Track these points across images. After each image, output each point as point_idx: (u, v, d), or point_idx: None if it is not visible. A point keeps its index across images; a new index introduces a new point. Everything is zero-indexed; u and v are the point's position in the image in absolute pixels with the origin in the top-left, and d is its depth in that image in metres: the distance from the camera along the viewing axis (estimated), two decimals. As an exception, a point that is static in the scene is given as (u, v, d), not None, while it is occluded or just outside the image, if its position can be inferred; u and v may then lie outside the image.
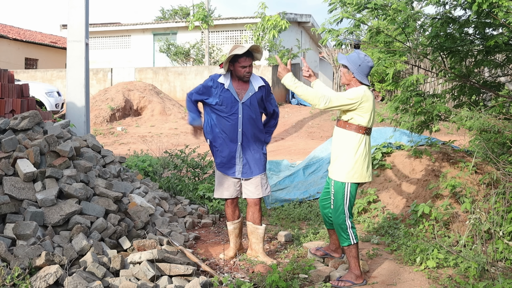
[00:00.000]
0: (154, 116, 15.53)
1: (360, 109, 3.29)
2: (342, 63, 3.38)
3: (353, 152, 3.33)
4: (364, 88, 3.35)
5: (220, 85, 3.77)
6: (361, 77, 3.34)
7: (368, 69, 3.35)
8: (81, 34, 6.96)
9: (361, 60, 3.33)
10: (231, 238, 4.03)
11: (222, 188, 3.89)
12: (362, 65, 3.33)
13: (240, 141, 3.78)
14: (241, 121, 3.75)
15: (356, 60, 3.33)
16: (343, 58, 3.38)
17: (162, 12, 31.71)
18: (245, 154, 3.81)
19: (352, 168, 3.34)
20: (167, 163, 6.47)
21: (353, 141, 3.33)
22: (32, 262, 2.99)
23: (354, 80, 3.37)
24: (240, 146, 3.79)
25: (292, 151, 10.29)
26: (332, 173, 3.46)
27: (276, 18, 18.24)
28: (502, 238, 3.80)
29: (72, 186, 3.72)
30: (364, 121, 3.32)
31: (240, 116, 3.74)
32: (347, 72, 3.39)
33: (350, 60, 3.35)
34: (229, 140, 3.78)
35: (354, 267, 3.43)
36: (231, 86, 3.76)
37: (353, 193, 3.39)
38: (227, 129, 3.76)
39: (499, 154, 4.62)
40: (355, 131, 3.33)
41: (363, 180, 3.40)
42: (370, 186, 5.53)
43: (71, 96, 7.05)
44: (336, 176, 3.40)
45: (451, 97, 5.58)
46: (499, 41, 4.29)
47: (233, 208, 3.97)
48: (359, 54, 3.36)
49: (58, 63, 25.56)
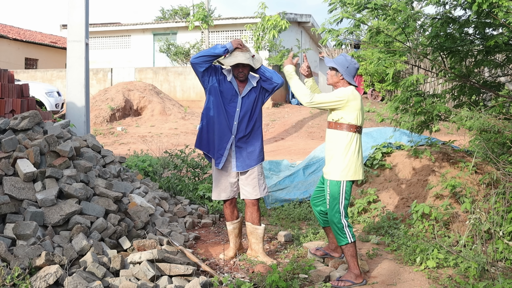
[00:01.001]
0: (154, 116, 15.54)
1: (348, 107, 3.42)
2: (330, 66, 3.54)
3: (346, 150, 3.42)
4: (352, 88, 3.50)
5: (224, 75, 3.83)
6: (350, 78, 3.50)
7: (355, 70, 3.53)
8: (81, 34, 6.96)
9: (348, 62, 3.49)
10: (231, 238, 4.04)
11: (219, 190, 3.90)
12: (350, 67, 3.49)
13: (234, 134, 3.79)
14: (238, 114, 3.78)
15: (344, 62, 3.49)
16: (331, 61, 3.55)
17: (162, 12, 31.72)
18: (238, 147, 3.81)
19: (346, 166, 3.41)
20: (167, 163, 6.47)
21: (345, 140, 3.43)
22: (32, 262, 2.99)
23: (343, 81, 3.53)
24: (234, 139, 3.80)
25: (292, 151, 10.29)
26: (327, 174, 3.52)
27: (276, 18, 18.23)
28: (502, 238, 3.80)
29: (72, 186, 3.72)
30: (353, 119, 3.43)
31: (238, 110, 3.77)
32: (335, 74, 3.55)
33: (338, 62, 3.51)
34: (222, 130, 3.79)
35: (353, 267, 3.44)
36: (233, 80, 3.82)
37: (348, 191, 3.45)
38: (223, 119, 3.78)
39: (499, 154, 4.62)
40: (346, 130, 3.43)
41: (357, 178, 3.47)
42: (370, 186, 5.53)
43: (71, 96, 7.05)
44: (331, 176, 3.46)
45: (451, 97, 5.58)
46: (499, 41, 4.29)
47: (232, 208, 3.97)
48: (345, 57, 3.53)
49: (58, 63, 25.56)
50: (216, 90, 3.79)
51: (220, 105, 3.78)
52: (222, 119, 3.79)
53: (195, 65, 3.71)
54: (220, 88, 3.79)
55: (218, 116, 3.80)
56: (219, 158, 3.82)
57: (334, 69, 3.53)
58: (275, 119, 15.72)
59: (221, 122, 3.79)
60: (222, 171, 3.87)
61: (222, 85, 3.79)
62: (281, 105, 18.60)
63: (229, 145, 3.80)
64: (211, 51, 3.68)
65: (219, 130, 3.80)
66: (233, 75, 3.83)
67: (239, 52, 3.74)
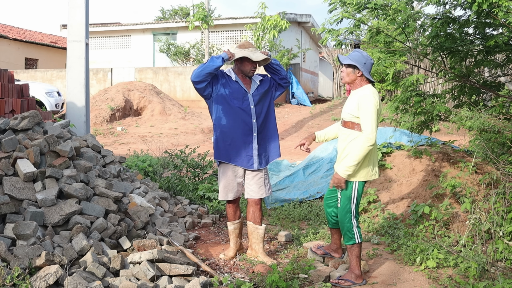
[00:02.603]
0: (154, 116, 15.53)
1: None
2: (347, 63, 3.40)
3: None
4: (370, 86, 3.39)
5: (227, 76, 3.82)
6: (368, 74, 3.38)
7: (371, 66, 3.42)
8: (81, 34, 6.96)
9: (365, 58, 3.38)
10: (232, 238, 4.03)
11: (226, 190, 3.88)
12: (367, 63, 3.38)
13: (255, 132, 3.79)
14: (254, 111, 3.79)
15: (361, 58, 3.37)
16: (346, 59, 3.40)
17: (162, 12, 31.71)
18: (260, 144, 3.83)
19: (360, 167, 3.37)
20: (167, 163, 6.47)
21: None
22: (32, 262, 2.99)
23: (360, 78, 3.40)
24: (256, 137, 3.80)
25: (292, 151, 10.29)
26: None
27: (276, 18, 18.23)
28: (502, 238, 3.80)
29: (72, 186, 3.72)
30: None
31: (252, 107, 3.78)
32: (352, 72, 3.40)
33: (355, 59, 3.37)
34: (244, 132, 3.77)
35: (355, 267, 3.43)
36: (238, 79, 3.83)
37: (360, 192, 3.43)
38: (240, 121, 3.75)
39: (499, 154, 4.62)
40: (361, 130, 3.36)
41: (370, 178, 3.44)
42: (370, 186, 5.53)
43: (71, 96, 7.05)
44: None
45: (451, 97, 5.58)
46: (499, 41, 4.29)
47: (235, 208, 3.97)
48: (361, 52, 3.40)
49: (58, 63, 25.56)
50: (224, 96, 3.76)
51: (233, 108, 3.75)
52: (239, 121, 3.76)
53: (199, 82, 3.67)
54: (229, 91, 3.76)
55: (234, 120, 3.76)
56: (250, 159, 3.80)
57: (351, 66, 3.40)
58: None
59: (239, 125, 3.76)
60: (230, 172, 3.84)
61: (228, 87, 3.77)
62: (281, 105, 18.60)
63: (255, 144, 3.79)
64: (211, 65, 3.64)
65: (240, 133, 3.77)
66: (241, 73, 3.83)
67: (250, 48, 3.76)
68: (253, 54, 3.74)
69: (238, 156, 3.79)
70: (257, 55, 3.74)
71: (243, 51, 3.75)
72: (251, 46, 3.78)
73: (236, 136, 3.77)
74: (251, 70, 3.80)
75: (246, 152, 3.80)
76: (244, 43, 3.81)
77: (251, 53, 3.74)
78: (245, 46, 3.78)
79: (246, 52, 3.73)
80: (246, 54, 3.72)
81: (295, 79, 19.91)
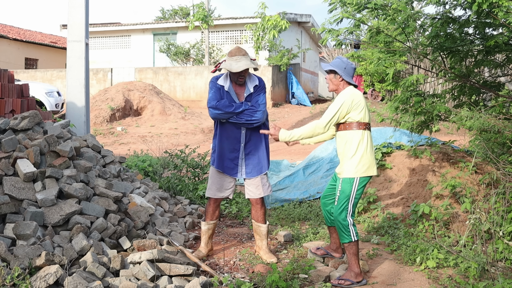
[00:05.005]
0: (154, 116, 15.54)
1: (352, 107, 3.43)
2: (328, 70, 3.57)
3: (358, 148, 3.44)
4: (351, 87, 3.53)
5: (221, 87, 3.80)
6: (349, 78, 3.54)
7: (353, 70, 3.57)
8: (81, 34, 6.96)
9: (345, 63, 3.54)
10: (204, 239, 4.00)
11: (215, 188, 3.90)
12: (347, 68, 3.53)
13: (243, 142, 3.80)
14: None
15: (341, 64, 3.54)
16: (327, 65, 3.59)
17: (162, 12, 31.72)
18: (247, 155, 3.83)
19: (359, 162, 3.42)
20: (167, 163, 6.47)
21: (357, 138, 3.44)
22: (32, 262, 2.99)
23: (342, 83, 3.56)
24: (243, 147, 3.81)
25: (292, 151, 10.29)
26: (340, 173, 3.53)
27: (276, 18, 18.25)
28: (502, 238, 3.80)
29: (72, 186, 3.72)
30: (361, 117, 3.44)
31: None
32: (334, 77, 3.58)
33: (335, 65, 3.55)
34: (232, 142, 3.80)
35: (354, 265, 3.44)
36: (230, 88, 3.79)
37: (360, 189, 3.46)
38: (231, 130, 3.79)
39: (499, 154, 4.62)
40: (356, 129, 3.44)
41: (370, 174, 3.47)
42: (370, 186, 5.53)
43: (71, 96, 7.05)
44: (344, 174, 3.47)
45: (451, 97, 5.58)
46: (499, 41, 4.29)
47: (215, 207, 3.97)
48: (341, 59, 3.58)
49: (58, 63, 25.57)
50: None
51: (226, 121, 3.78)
52: (228, 132, 3.79)
53: (219, 119, 3.75)
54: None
55: (225, 129, 3.80)
56: (235, 168, 3.84)
57: (332, 72, 3.56)
58: (275, 119, 15.72)
59: (228, 135, 3.79)
60: (219, 175, 3.89)
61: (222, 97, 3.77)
62: (281, 105, 18.61)
63: (240, 154, 3.81)
64: (234, 111, 3.67)
65: (229, 143, 3.80)
66: (230, 81, 3.80)
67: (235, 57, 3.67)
68: (236, 63, 3.63)
69: (225, 164, 3.84)
70: (240, 64, 3.62)
71: (227, 61, 3.68)
72: (238, 54, 3.67)
73: (225, 145, 3.82)
74: (238, 78, 3.74)
75: (232, 161, 3.84)
76: (232, 51, 3.72)
77: (234, 63, 3.63)
78: (232, 54, 3.69)
79: (228, 63, 3.65)
80: (227, 65, 3.65)
81: (295, 79, 19.92)
